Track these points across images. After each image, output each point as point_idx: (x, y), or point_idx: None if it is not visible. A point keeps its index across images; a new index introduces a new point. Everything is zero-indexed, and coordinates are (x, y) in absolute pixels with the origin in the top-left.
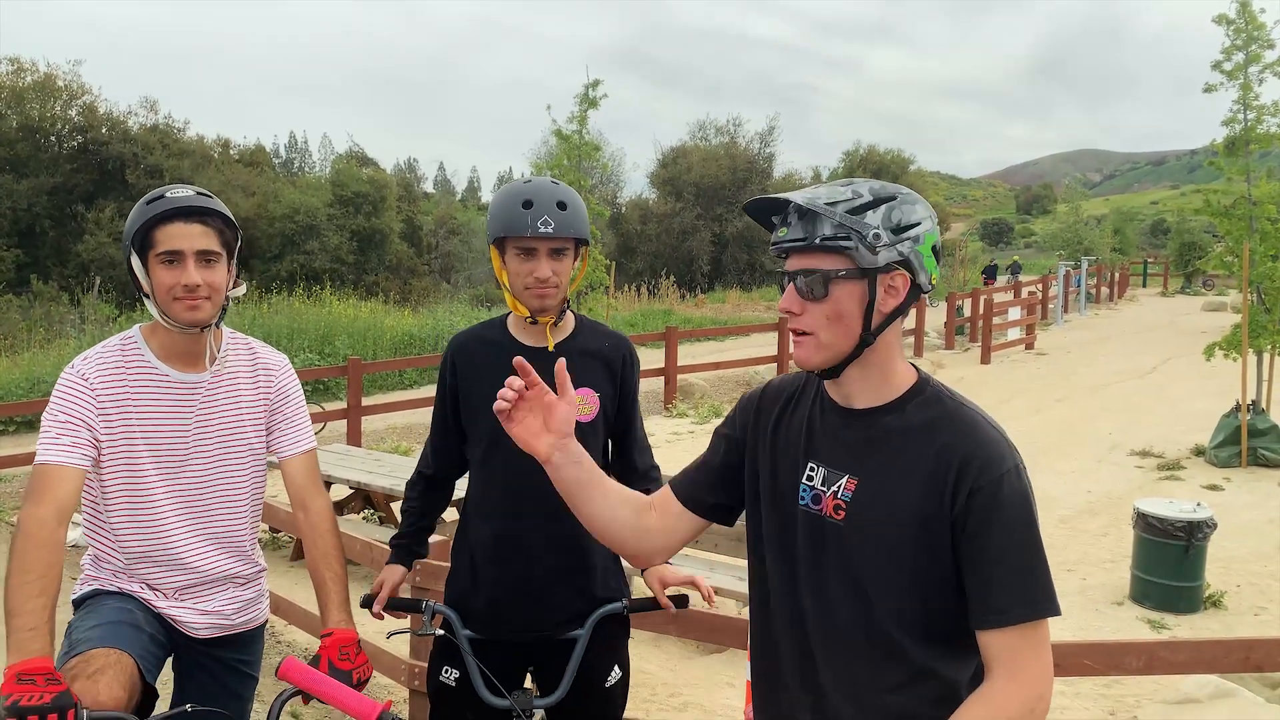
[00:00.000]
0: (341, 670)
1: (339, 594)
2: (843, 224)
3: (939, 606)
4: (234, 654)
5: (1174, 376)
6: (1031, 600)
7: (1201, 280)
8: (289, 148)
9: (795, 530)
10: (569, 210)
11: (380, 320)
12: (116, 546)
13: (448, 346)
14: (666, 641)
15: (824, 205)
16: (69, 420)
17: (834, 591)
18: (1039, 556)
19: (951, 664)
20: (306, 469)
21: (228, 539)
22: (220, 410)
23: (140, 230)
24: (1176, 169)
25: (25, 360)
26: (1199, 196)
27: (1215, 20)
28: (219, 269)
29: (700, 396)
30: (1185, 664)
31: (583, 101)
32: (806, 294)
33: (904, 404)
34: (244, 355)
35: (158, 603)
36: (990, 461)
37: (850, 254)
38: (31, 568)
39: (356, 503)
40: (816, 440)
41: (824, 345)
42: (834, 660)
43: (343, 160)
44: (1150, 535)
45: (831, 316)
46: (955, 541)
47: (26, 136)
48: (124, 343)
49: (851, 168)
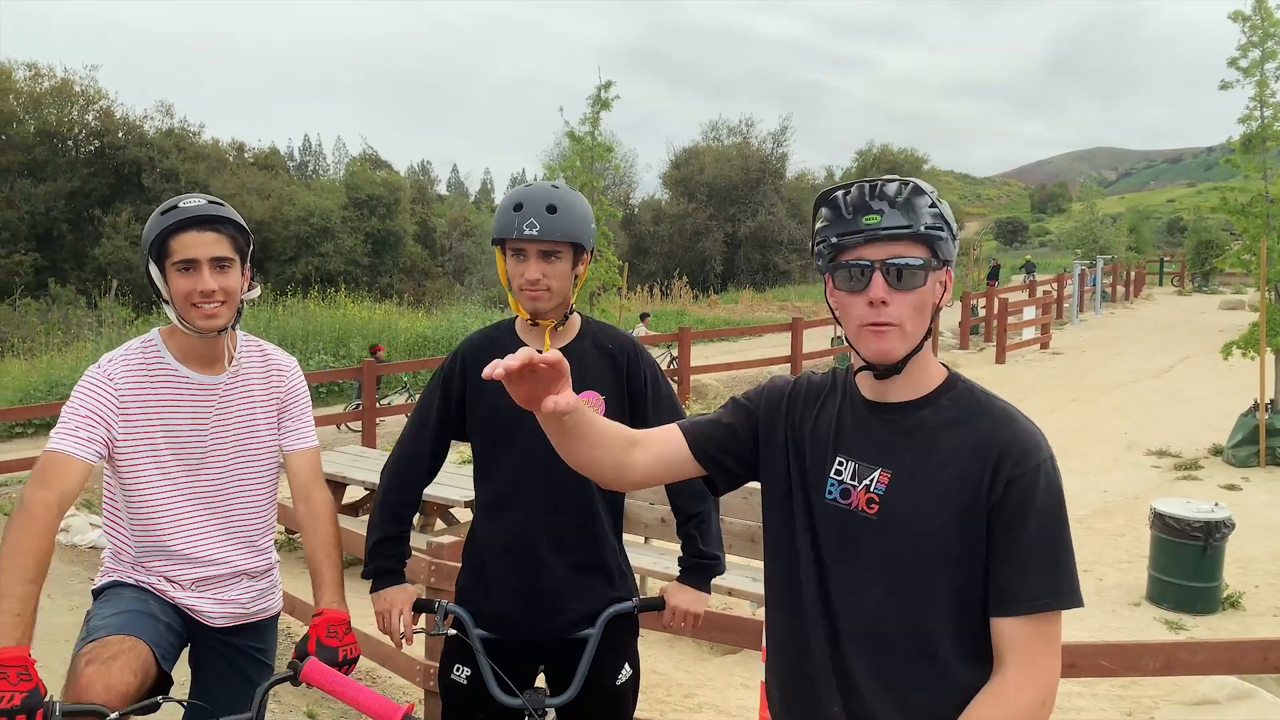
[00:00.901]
0: (328, 647)
1: (333, 578)
2: (941, 215)
3: (972, 597)
4: (250, 642)
5: (1191, 376)
6: (1057, 590)
7: (1194, 281)
8: (303, 150)
9: (823, 526)
10: (559, 214)
11: (394, 322)
12: (134, 541)
13: (459, 348)
14: (681, 642)
15: (927, 196)
16: (88, 415)
17: (867, 585)
18: (1069, 548)
19: (980, 659)
20: (310, 464)
21: (243, 535)
22: (236, 411)
23: (156, 240)
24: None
25: (43, 363)
26: (1216, 194)
27: (1231, 17)
28: (233, 273)
29: (714, 397)
30: (1203, 665)
31: (595, 103)
32: (897, 283)
33: (937, 398)
34: (256, 357)
35: (174, 593)
36: (1028, 452)
37: (941, 245)
38: (29, 551)
39: (371, 503)
40: (846, 434)
41: (908, 335)
42: (866, 653)
43: (357, 163)
44: (1167, 535)
45: (918, 306)
46: (989, 530)
47: (44, 141)
48: (145, 345)
49: (865, 167)
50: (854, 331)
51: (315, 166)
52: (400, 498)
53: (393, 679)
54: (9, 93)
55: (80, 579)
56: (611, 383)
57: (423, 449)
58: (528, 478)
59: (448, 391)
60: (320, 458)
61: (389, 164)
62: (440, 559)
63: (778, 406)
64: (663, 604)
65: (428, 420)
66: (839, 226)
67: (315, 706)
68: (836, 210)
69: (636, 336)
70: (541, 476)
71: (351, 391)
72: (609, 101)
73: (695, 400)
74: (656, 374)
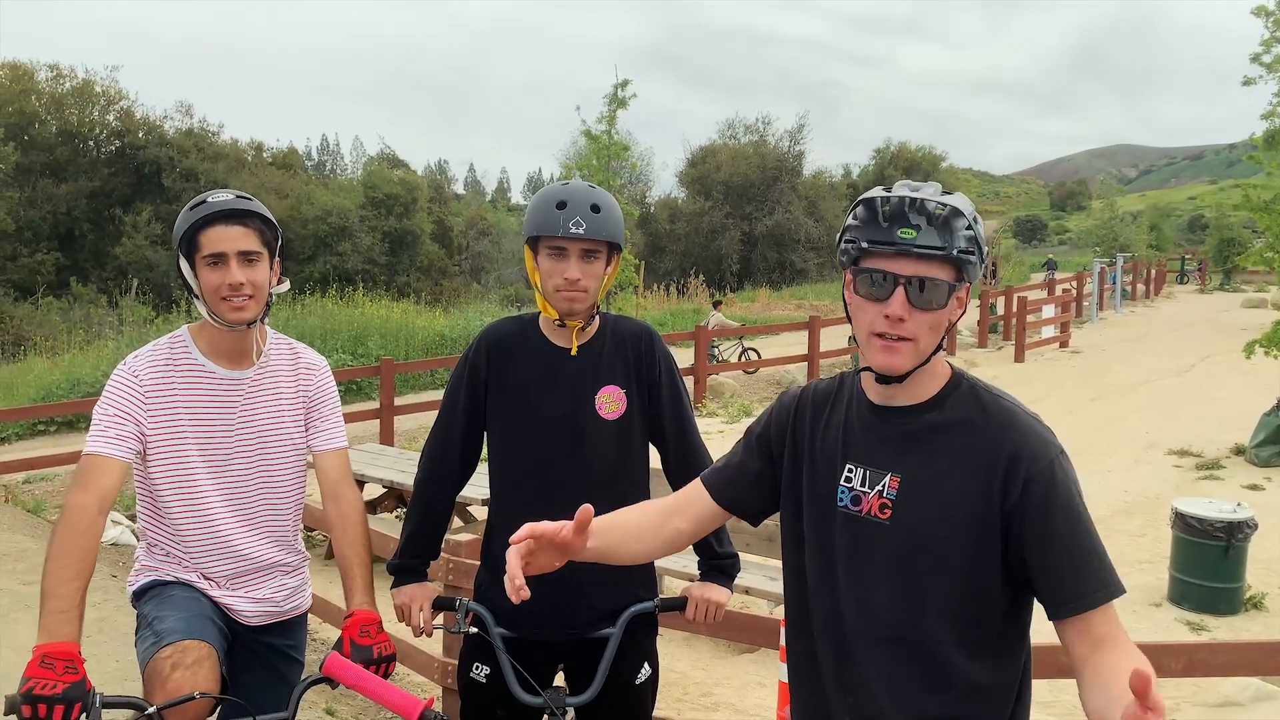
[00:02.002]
0: (362, 646)
1: (364, 579)
2: (975, 238)
3: (982, 602)
4: (282, 640)
5: (1213, 374)
6: (1106, 583)
7: (1185, 275)
8: (321, 150)
9: (835, 532)
10: (603, 213)
11: (412, 321)
12: (172, 536)
13: (480, 339)
14: (698, 641)
15: (965, 218)
16: (117, 414)
17: (877, 591)
18: (1097, 538)
19: (990, 663)
20: (340, 464)
21: (273, 528)
22: (263, 405)
23: (186, 235)
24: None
25: (65, 362)
26: (1238, 191)
27: (1254, 12)
28: (261, 267)
29: (730, 396)
30: (1225, 666)
31: (611, 102)
32: (919, 302)
33: (942, 400)
34: (286, 355)
35: (213, 592)
36: (1038, 450)
37: (970, 268)
38: (70, 552)
39: (389, 501)
40: (854, 441)
41: (921, 352)
42: (873, 659)
43: (374, 162)
44: (1189, 536)
45: (934, 325)
46: (1010, 534)
47: (66, 141)
48: (173, 341)
49: (882, 165)
50: (864, 337)
51: (333, 166)
52: (429, 494)
53: (410, 675)
54: (31, 93)
55: (100, 575)
56: (630, 375)
57: (452, 444)
58: (545, 473)
59: (474, 381)
60: (349, 458)
61: (406, 163)
62: (458, 557)
63: (786, 424)
64: (684, 604)
65: (454, 412)
66: (871, 232)
67: (334, 703)
68: (873, 214)
69: (712, 325)
70: (560, 471)
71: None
72: (625, 100)
73: (712, 399)
74: (671, 365)
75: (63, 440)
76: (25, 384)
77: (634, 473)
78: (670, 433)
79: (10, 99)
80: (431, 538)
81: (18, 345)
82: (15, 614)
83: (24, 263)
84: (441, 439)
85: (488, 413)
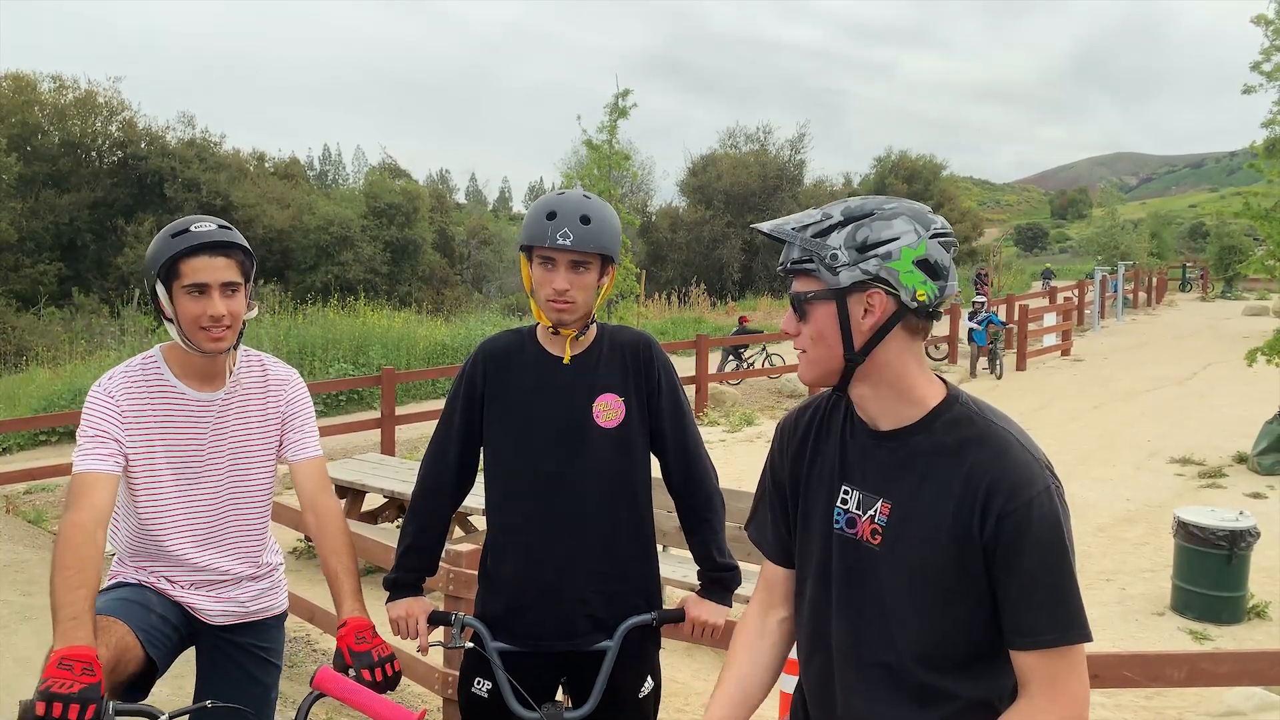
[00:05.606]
0: (360, 653)
1: (351, 585)
2: (805, 247)
3: (968, 630)
4: (254, 640)
5: (1215, 382)
6: (1062, 625)
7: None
8: (323, 160)
9: (831, 554)
10: (593, 225)
11: (413, 330)
12: (137, 548)
13: (477, 352)
14: (700, 651)
15: (790, 230)
16: (98, 433)
17: (867, 615)
18: (1070, 581)
19: (983, 680)
20: (316, 473)
21: (241, 546)
22: (231, 427)
23: (166, 262)
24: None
25: (67, 371)
26: (1239, 199)
27: (1254, 21)
28: (240, 298)
29: (732, 404)
30: (1228, 676)
31: (612, 111)
32: (796, 314)
33: (932, 422)
34: (256, 372)
35: (174, 592)
36: (1019, 485)
37: (816, 275)
38: (72, 564)
39: (390, 511)
40: (850, 463)
41: (812, 363)
42: (859, 682)
43: (376, 172)
44: (1192, 544)
45: (814, 336)
46: (987, 564)
47: (68, 152)
48: (145, 362)
49: (883, 174)
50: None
51: (335, 176)
52: (425, 507)
53: (411, 687)
54: (34, 104)
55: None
56: (628, 383)
57: (448, 459)
58: (542, 483)
59: (471, 395)
60: (325, 466)
61: (408, 173)
62: (458, 567)
63: (787, 450)
64: (682, 615)
65: (451, 426)
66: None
67: (334, 715)
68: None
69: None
70: (559, 480)
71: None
72: (626, 109)
73: (713, 407)
74: (670, 373)
75: (64, 451)
76: (27, 394)
77: (636, 482)
78: (671, 442)
79: (13, 110)
80: (428, 552)
81: (20, 355)
82: (15, 625)
83: (26, 273)
84: (438, 454)
85: (485, 425)
